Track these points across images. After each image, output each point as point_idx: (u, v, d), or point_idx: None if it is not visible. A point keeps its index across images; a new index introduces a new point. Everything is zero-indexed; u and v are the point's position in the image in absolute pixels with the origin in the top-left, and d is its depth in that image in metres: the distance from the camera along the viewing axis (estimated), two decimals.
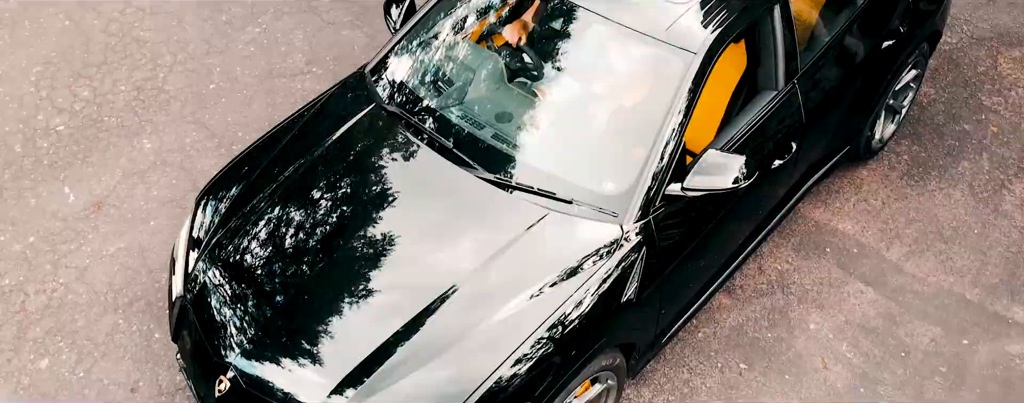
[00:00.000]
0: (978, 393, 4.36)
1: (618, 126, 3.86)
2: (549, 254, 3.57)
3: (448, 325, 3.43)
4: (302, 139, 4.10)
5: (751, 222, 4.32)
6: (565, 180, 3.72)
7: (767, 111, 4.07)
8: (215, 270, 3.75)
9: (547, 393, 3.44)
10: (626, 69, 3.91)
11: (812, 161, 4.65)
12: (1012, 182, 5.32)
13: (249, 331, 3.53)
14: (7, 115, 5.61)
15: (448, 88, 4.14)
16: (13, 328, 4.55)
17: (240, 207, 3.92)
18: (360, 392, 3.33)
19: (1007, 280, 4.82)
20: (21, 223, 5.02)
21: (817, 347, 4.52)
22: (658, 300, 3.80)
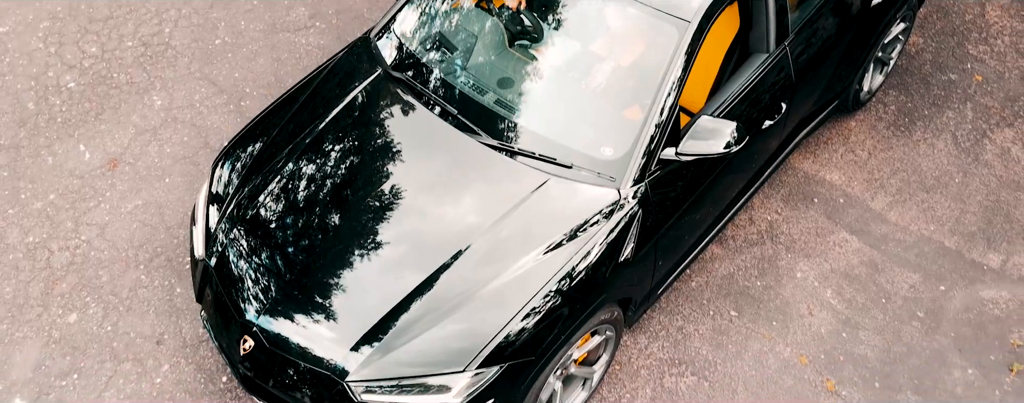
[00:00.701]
0: (952, 337, 4.65)
1: (615, 94, 4.04)
2: (551, 217, 3.80)
3: (459, 284, 3.67)
4: (313, 106, 4.28)
5: (743, 177, 4.55)
6: (565, 146, 3.92)
7: (758, 74, 4.25)
8: (235, 233, 3.97)
9: (551, 346, 3.71)
10: (623, 37, 4.08)
11: (803, 116, 4.84)
12: (993, 131, 5.53)
13: (271, 291, 3.78)
14: (18, 72, 5.75)
15: (451, 53, 4.30)
16: (40, 284, 4.79)
17: (256, 173, 4.12)
18: (378, 349, 3.59)
19: (984, 228, 5.08)
20: (40, 181, 5.22)
21: (803, 294, 4.80)
22: (653, 257, 4.04)
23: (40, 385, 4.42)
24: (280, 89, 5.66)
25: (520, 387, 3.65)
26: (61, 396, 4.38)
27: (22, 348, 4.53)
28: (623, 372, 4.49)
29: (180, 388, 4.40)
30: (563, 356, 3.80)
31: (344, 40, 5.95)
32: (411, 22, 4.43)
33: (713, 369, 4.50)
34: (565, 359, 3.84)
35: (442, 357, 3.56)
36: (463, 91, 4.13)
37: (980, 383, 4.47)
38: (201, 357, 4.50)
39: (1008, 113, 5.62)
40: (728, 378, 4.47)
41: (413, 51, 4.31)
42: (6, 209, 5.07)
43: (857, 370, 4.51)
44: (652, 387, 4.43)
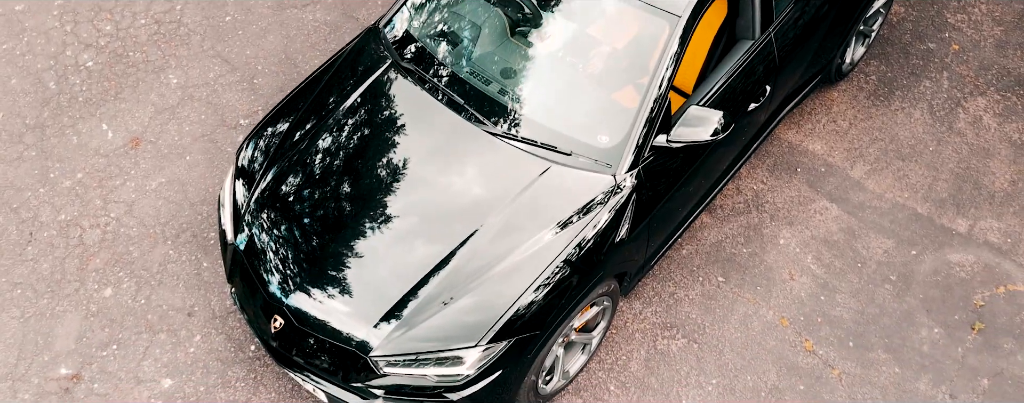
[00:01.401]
0: (920, 298, 5.06)
1: (610, 85, 4.34)
2: (553, 202, 4.15)
3: (471, 264, 4.03)
4: (329, 97, 4.57)
5: (731, 153, 4.88)
6: (565, 134, 4.25)
7: (745, 61, 4.56)
8: (262, 219, 4.31)
9: (554, 320, 4.10)
10: (617, 31, 4.37)
11: (788, 92, 5.16)
12: (967, 100, 5.86)
13: (298, 273, 4.14)
14: (37, 51, 6.01)
15: (456, 44, 4.58)
16: (75, 260, 5.14)
17: (278, 161, 4.44)
18: (399, 326, 3.97)
19: (954, 194, 5.45)
20: (67, 160, 5.53)
21: (785, 260, 5.18)
22: (647, 234, 4.41)
23: (83, 355, 4.81)
24: (290, 66, 5.93)
25: (526, 357, 4.05)
26: (103, 366, 4.77)
27: (63, 321, 4.91)
28: (619, 336, 4.90)
29: (212, 357, 4.80)
30: (565, 327, 4.19)
31: (348, 15, 6.19)
32: (417, 13, 4.69)
33: (702, 332, 4.90)
34: (567, 329, 4.23)
35: (457, 332, 3.94)
36: (469, 81, 4.42)
37: (945, 341, 4.89)
38: (230, 328, 4.89)
39: (981, 82, 5.93)
40: (716, 340, 4.88)
41: (421, 42, 4.59)
42: (37, 188, 5.39)
43: (833, 331, 4.92)
44: (646, 349, 4.85)
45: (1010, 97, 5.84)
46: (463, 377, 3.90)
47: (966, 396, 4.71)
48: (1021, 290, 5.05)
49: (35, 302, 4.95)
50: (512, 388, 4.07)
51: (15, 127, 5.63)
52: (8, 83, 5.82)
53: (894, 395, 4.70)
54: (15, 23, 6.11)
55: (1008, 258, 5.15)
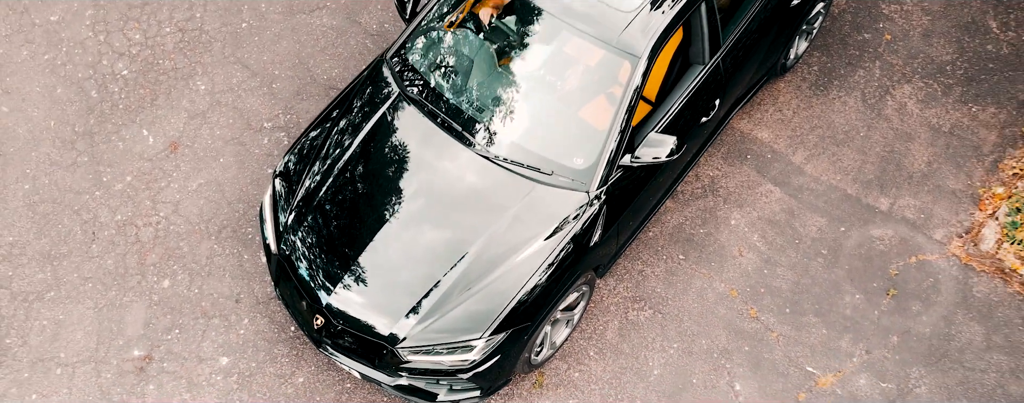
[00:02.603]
0: (846, 269, 6.04)
1: (584, 115, 5.17)
2: (540, 216, 5.03)
3: (476, 269, 4.92)
4: (348, 125, 5.34)
5: (688, 153, 5.77)
6: (546, 157, 5.10)
7: (696, 84, 5.39)
8: (300, 231, 5.20)
9: (544, 310, 5.05)
10: (590, 70, 5.17)
11: (738, 96, 6.01)
12: (895, 88, 6.72)
13: (333, 279, 5.05)
14: (77, 61, 6.74)
15: (452, 75, 5.36)
16: (135, 256, 6.03)
17: (309, 180, 5.29)
18: (419, 321, 4.91)
19: (879, 176, 6.37)
20: (116, 164, 6.35)
21: (735, 239, 6.14)
22: (616, 233, 5.33)
23: (151, 339, 5.75)
24: (304, 70, 6.69)
25: (521, 341, 5.03)
26: (169, 348, 5.73)
27: (131, 310, 5.84)
28: (597, 309, 5.88)
29: (259, 337, 5.76)
30: (551, 315, 5.16)
31: (352, 20, 6.92)
32: (416, 47, 5.45)
33: (665, 303, 5.89)
34: (553, 315, 5.20)
35: (466, 325, 4.89)
36: (464, 110, 5.23)
37: (864, 306, 5.91)
38: (272, 311, 5.83)
39: (908, 69, 6.78)
40: (677, 310, 5.87)
41: (422, 74, 5.35)
42: (94, 191, 6.23)
43: (773, 299, 5.92)
44: (619, 320, 5.84)
45: (932, 84, 6.70)
46: (471, 362, 4.87)
47: (879, 351, 5.75)
48: (929, 259, 6.04)
49: (105, 294, 5.86)
50: (510, 365, 5.06)
51: (66, 134, 6.42)
52: (54, 92, 6.57)
53: (821, 352, 5.74)
54: (53, 34, 6.80)
55: (920, 232, 6.13)
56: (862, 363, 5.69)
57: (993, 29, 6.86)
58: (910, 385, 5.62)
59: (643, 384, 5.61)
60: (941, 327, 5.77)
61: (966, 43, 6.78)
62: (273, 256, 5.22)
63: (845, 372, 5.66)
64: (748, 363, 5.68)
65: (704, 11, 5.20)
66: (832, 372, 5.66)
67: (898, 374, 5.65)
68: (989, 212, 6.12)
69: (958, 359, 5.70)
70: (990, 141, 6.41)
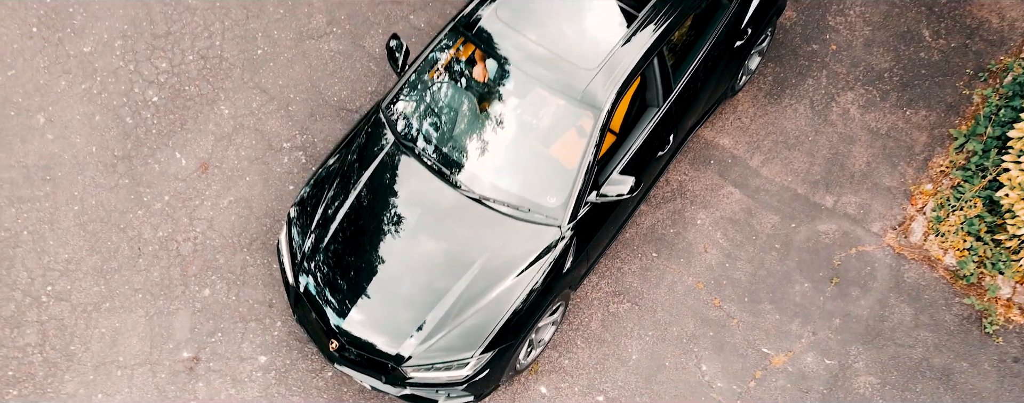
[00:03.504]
0: (796, 261, 6.71)
1: (556, 160, 5.63)
2: (521, 249, 5.54)
3: (468, 295, 5.47)
4: (352, 166, 5.82)
5: (649, 178, 6.34)
6: (523, 197, 5.62)
7: (651, 125, 5.86)
8: (314, 265, 5.71)
9: (526, 329, 5.60)
10: (558, 120, 5.61)
11: (694, 121, 6.56)
12: (839, 95, 7.31)
13: (345, 306, 5.57)
14: (111, 90, 7.22)
15: (441, 124, 5.76)
16: (177, 268, 6.63)
17: (321, 218, 5.74)
18: (421, 343, 5.44)
19: (825, 176, 7.01)
20: (154, 185, 6.89)
21: (701, 237, 6.79)
22: (587, 257, 5.89)
23: (197, 342, 6.38)
24: (316, 93, 7.21)
25: (507, 356, 5.61)
26: (214, 349, 6.37)
27: (177, 317, 6.45)
28: (582, 302, 6.55)
29: (292, 337, 6.40)
30: (533, 331, 5.71)
31: (357, 44, 7.41)
32: (408, 98, 5.90)
33: (641, 297, 6.56)
34: (534, 331, 5.77)
35: (460, 344, 5.44)
36: (450, 155, 5.70)
37: (811, 293, 6.60)
38: None
39: (851, 77, 7.37)
40: (652, 303, 6.55)
41: (414, 123, 5.81)
42: (136, 210, 6.79)
43: (734, 290, 6.60)
44: (601, 313, 6.51)
45: (871, 90, 7.30)
46: (465, 376, 5.50)
47: (823, 333, 6.46)
48: (867, 250, 6.72)
49: (154, 303, 6.47)
50: (499, 374, 5.69)
51: (108, 159, 6.95)
52: (93, 120, 7.08)
53: (775, 335, 6.44)
54: (87, 64, 7.27)
55: (860, 226, 6.80)
56: (809, 343, 6.40)
57: (926, 37, 7.44)
58: (850, 361, 6.35)
59: (623, 368, 6.31)
60: (876, 309, 6.48)
61: (902, 51, 7.37)
62: (291, 287, 5.77)
63: (795, 352, 6.37)
64: (713, 347, 6.38)
65: (656, 63, 5.72)
66: (784, 352, 6.38)
67: (840, 352, 6.37)
68: (918, 207, 6.79)
69: (891, 337, 6.42)
70: (921, 141, 7.05)
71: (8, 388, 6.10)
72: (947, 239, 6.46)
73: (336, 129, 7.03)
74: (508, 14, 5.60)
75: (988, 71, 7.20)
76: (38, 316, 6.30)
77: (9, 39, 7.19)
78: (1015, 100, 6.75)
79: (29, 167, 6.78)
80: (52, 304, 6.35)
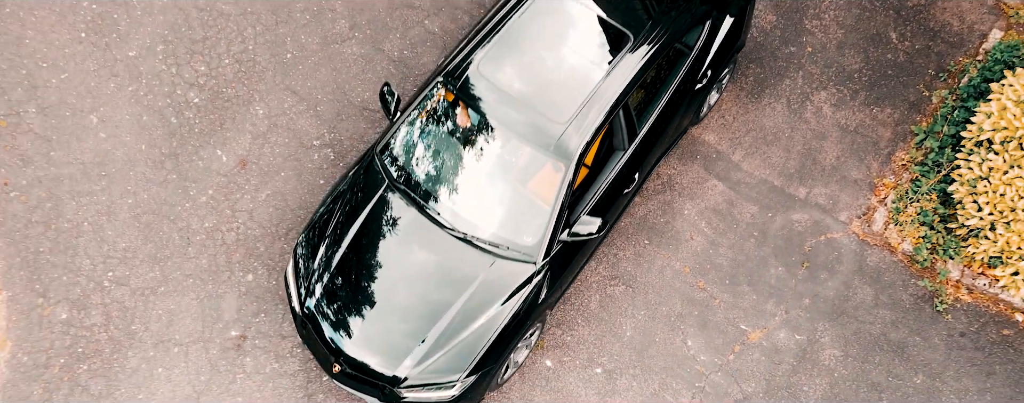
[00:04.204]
0: (772, 247, 7.35)
1: (532, 203, 6.08)
2: (500, 284, 6.02)
3: (455, 324, 5.98)
4: (350, 207, 6.25)
5: (621, 203, 6.73)
6: (503, 236, 6.11)
7: (617, 168, 6.32)
8: (317, 295, 6.15)
9: (507, 352, 6.11)
10: (533, 168, 6.04)
11: (660, 153, 6.88)
12: (813, 94, 7.87)
13: (348, 332, 6.07)
14: (156, 92, 7.74)
15: (427, 168, 6.20)
16: (223, 256, 7.24)
17: (323, 253, 6.20)
18: (415, 367, 5.96)
19: (799, 170, 7.61)
20: (199, 180, 7.47)
21: (688, 225, 7.41)
22: (560, 285, 6.35)
23: (243, 322, 7.02)
24: (341, 94, 7.73)
25: (489, 377, 6.12)
26: (258, 328, 7.01)
27: (225, 300, 7.09)
28: (582, 285, 7.20)
29: None
30: (512, 354, 6.23)
31: (377, 48, 7.91)
32: (399, 142, 6.31)
33: (635, 280, 7.21)
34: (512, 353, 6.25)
35: (449, 368, 5.97)
36: (437, 198, 6.16)
37: (785, 275, 7.25)
38: None
39: (825, 78, 7.92)
40: (644, 286, 7.20)
41: (403, 167, 6.24)
42: (184, 203, 7.37)
43: (716, 274, 7.25)
44: (599, 294, 7.17)
45: (843, 90, 7.86)
46: (452, 397, 6.03)
47: (795, 311, 7.13)
48: (835, 237, 7.36)
49: (204, 287, 7.10)
50: (482, 392, 6.23)
51: (156, 156, 7.50)
52: (141, 120, 7.61)
53: (752, 314, 7.11)
54: (132, 68, 7.78)
55: (829, 215, 7.42)
56: (782, 321, 7.08)
57: (893, 40, 7.97)
58: (817, 336, 7.04)
59: (619, 343, 6.99)
60: (842, 290, 7.15)
61: (871, 53, 7.91)
62: (297, 315, 6.28)
63: (769, 328, 7.06)
64: (697, 324, 7.06)
65: (622, 113, 6.20)
66: (759, 329, 7.06)
67: (809, 328, 7.06)
68: (881, 198, 7.41)
69: (853, 315, 7.10)
70: (886, 137, 7.64)
71: (79, 364, 6.76)
72: (905, 228, 7.09)
73: (361, 128, 7.58)
74: (489, 69, 6.00)
75: (947, 72, 7.74)
76: (102, 299, 6.93)
77: (60, 44, 7.68)
78: (969, 101, 7.32)
79: (86, 164, 7.33)
80: (113, 288, 6.97)
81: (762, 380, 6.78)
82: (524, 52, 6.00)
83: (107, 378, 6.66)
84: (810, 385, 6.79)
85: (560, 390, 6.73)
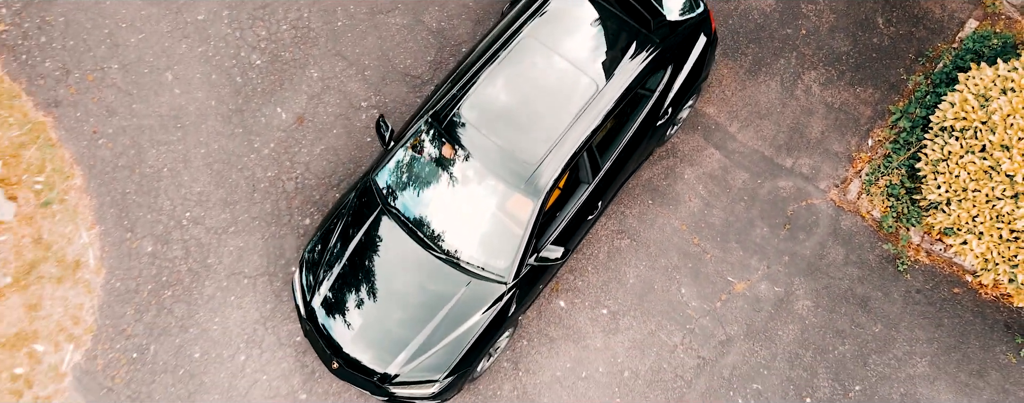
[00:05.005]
0: (759, 210, 8.34)
1: (505, 232, 6.81)
2: (477, 299, 6.81)
3: (439, 332, 6.83)
4: (349, 225, 7.03)
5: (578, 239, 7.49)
6: (479, 259, 6.90)
7: (581, 200, 7.07)
8: (320, 301, 6.97)
9: (481, 354, 6.95)
10: (506, 202, 6.72)
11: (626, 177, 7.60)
12: (805, 73, 8.74)
13: (347, 333, 6.92)
14: (223, 53, 8.62)
15: (416, 195, 6.94)
16: (284, 201, 8.23)
17: (326, 264, 7.00)
18: (404, 365, 6.81)
19: (787, 142, 8.53)
20: (262, 134, 8.41)
21: (687, 189, 8.39)
22: (527, 301, 7.17)
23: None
24: (386, 61, 8.59)
25: (465, 376, 6.95)
26: None
27: (287, 240, 8.12)
28: (593, 238, 8.21)
29: None
30: (485, 357, 7.13)
31: (417, 19, 8.73)
32: (394, 170, 7.05)
33: (638, 235, 8.23)
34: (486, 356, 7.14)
35: (433, 367, 6.81)
36: (424, 222, 6.94)
37: (769, 235, 8.26)
38: None
39: (815, 59, 8.77)
40: (646, 240, 8.22)
41: (396, 194, 6.99)
42: (249, 154, 8.33)
43: (709, 232, 8.26)
44: (607, 247, 8.20)
45: (831, 70, 8.72)
46: (432, 393, 6.89)
47: (776, 267, 8.17)
48: (814, 203, 8.34)
49: (268, 229, 8.12)
50: (458, 388, 7.08)
51: (224, 111, 8.42)
52: (210, 78, 8.51)
53: (738, 268, 8.15)
54: (202, 30, 8.63)
55: (810, 183, 8.38)
56: (764, 275, 8.12)
57: (879, 25, 8.78)
58: (793, 289, 8.09)
59: (622, 289, 8.05)
60: (817, 250, 8.16)
61: (859, 37, 8.73)
62: (303, 318, 7.13)
63: (752, 281, 8.10)
64: (690, 275, 8.11)
65: (585, 154, 6.94)
66: (744, 281, 8.10)
67: (786, 282, 8.10)
68: (857, 170, 8.35)
69: (826, 271, 8.13)
70: (866, 115, 8.53)
71: (164, 290, 7.83)
72: (875, 197, 8.06)
73: (403, 92, 8.46)
74: (472, 114, 6.64)
75: (926, 57, 8.57)
76: (181, 235, 7.96)
77: (136, 7, 8.51)
78: (940, 87, 8.18)
79: (163, 116, 8.26)
80: (191, 226, 8.00)
81: (743, 325, 7.86)
82: (502, 98, 6.60)
83: (188, 303, 7.74)
84: (784, 330, 7.87)
85: (571, 326, 7.82)
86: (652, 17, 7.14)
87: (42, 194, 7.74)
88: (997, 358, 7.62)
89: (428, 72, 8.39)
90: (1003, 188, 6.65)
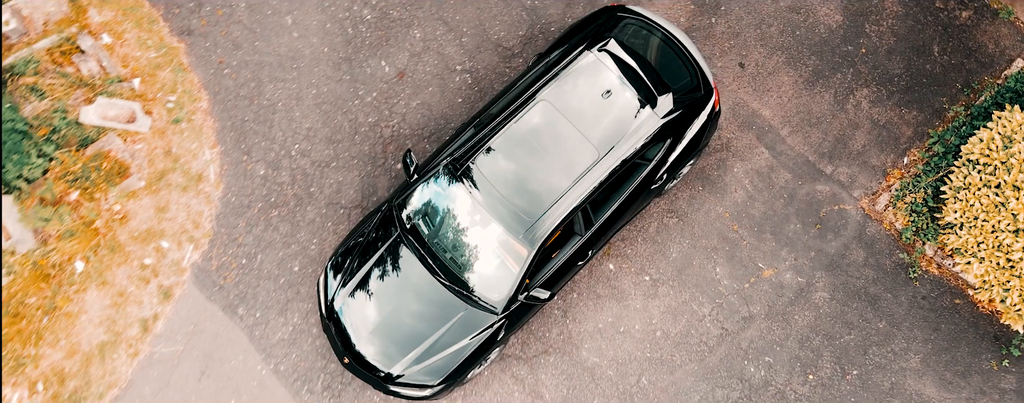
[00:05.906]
0: (795, 208, 9.32)
1: (503, 270, 7.64)
2: (471, 324, 7.78)
3: (439, 344, 7.80)
4: (369, 246, 7.92)
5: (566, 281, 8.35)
6: (477, 290, 7.79)
7: (573, 250, 7.94)
8: (339, 306, 7.91)
9: (470, 369, 7.90)
10: (506, 246, 7.55)
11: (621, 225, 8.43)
12: (858, 90, 9.59)
13: (361, 335, 7.87)
14: (338, 4, 9.54)
15: (431, 227, 7.81)
16: (380, 146, 9.27)
17: (346, 275, 7.91)
18: (409, 367, 7.80)
19: (830, 150, 9.46)
20: (366, 84, 9.41)
21: (734, 181, 9.38)
22: (514, 330, 8.09)
23: None
24: (482, 30, 9.46)
25: (455, 383, 7.90)
26: None
27: (379, 180, 9.18)
28: (645, 214, 9.25)
29: None
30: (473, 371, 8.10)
31: None
32: (416, 200, 7.90)
33: (686, 216, 9.27)
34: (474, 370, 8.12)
35: (429, 374, 7.80)
36: (434, 252, 7.82)
37: (800, 231, 9.28)
38: None
39: (870, 77, 9.62)
40: (692, 222, 9.26)
41: (412, 222, 7.85)
42: (354, 100, 9.35)
43: (749, 221, 9.29)
44: (657, 222, 9.25)
45: (882, 90, 9.59)
46: (425, 396, 7.87)
47: (802, 260, 9.21)
48: (846, 208, 9.33)
49: (363, 168, 9.18)
50: (449, 390, 8.04)
51: (334, 59, 9.42)
52: (325, 27, 9.47)
53: (769, 256, 9.20)
54: None
55: (845, 190, 9.36)
56: (790, 266, 9.18)
57: (934, 53, 9.59)
58: (813, 281, 9.15)
59: (665, 261, 9.14)
60: (840, 250, 9.19)
61: (913, 61, 9.56)
62: (325, 320, 8.06)
63: (779, 269, 9.17)
64: (726, 257, 9.18)
65: (579, 213, 7.77)
66: (772, 268, 9.17)
67: (809, 274, 9.15)
68: (889, 184, 9.31)
69: (845, 270, 9.18)
70: (906, 135, 9.44)
71: (272, 209, 8.97)
72: (900, 211, 9.04)
73: (495, 61, 9.38)
74: (485, 165, 7.44)
75: (971, 88, 9.42)
76: (289, 164, 9.06)
77: None
78: (976, 120, 9.06)
79: (281, 56, 9.28)
80: (298, 157, 9.10)
81: (765, 306, 8.95)
82: (513, 153, 7.43)
83: (291, 223, 8.90)
84: (800, 315, 8.96)
85: (616, 287, 8.94)
86: (660, 93, 7.82)
87: (173, 112, 8.83)
88: (981, 364, 8.71)
89: (518, 45, 9.28)
90: (1007, 223, 7.63)
